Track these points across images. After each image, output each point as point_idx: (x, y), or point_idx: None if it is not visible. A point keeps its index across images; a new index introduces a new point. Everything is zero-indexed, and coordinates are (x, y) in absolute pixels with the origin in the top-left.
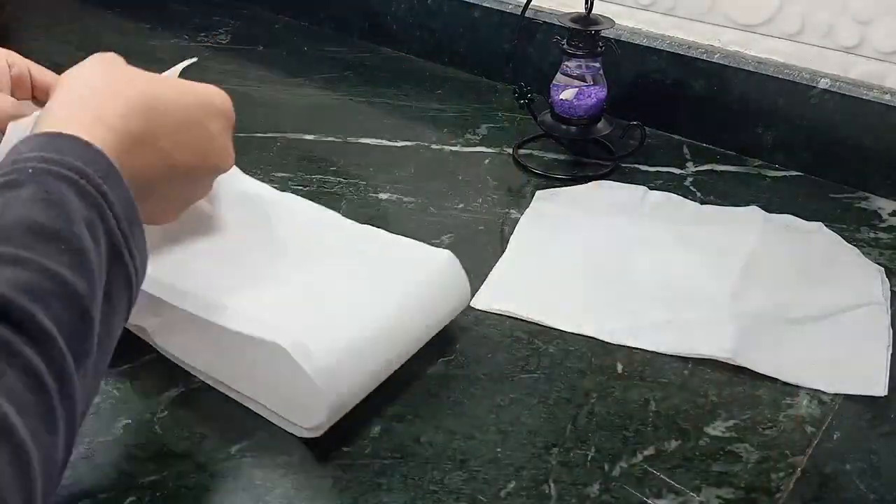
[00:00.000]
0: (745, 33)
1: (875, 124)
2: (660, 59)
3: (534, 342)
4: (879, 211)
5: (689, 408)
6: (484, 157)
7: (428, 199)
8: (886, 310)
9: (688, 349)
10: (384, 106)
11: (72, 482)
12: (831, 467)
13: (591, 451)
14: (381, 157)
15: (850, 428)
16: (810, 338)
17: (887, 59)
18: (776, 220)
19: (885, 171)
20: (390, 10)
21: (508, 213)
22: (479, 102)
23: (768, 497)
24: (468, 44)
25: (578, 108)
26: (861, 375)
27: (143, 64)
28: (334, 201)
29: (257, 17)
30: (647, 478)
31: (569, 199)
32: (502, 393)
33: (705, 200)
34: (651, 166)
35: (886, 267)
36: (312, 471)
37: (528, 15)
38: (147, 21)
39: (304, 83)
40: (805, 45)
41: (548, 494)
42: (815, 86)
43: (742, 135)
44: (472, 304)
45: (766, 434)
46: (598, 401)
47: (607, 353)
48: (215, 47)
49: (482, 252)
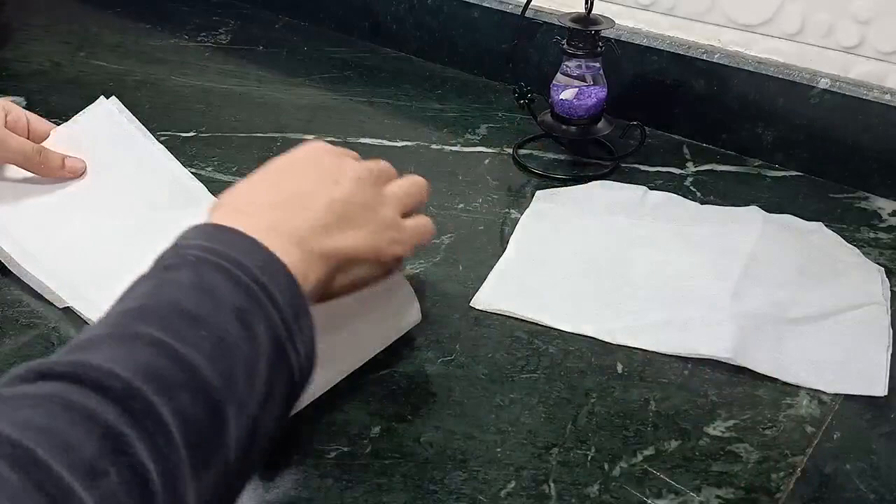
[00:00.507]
0: (745, 33)
1: (875, 124)
2: (660, 59)
3: (534, 342)
4: (879, 211)
5: (689, 408)
6: (484, 157)
7: (428, 199)
8: (886, 310)
9: (688, 349)
10: (384, 106)
11: None
12: (831, 467)
13: (591, 451)
14: (381, 157)
15: (850, 428)
16: (810, 338)
17: (887, 59)
18: (776, 220)
19: (885, 171)
20: (390, 10)
21: (508, 213)
22: (479, 102)
23: (768, 497)
24: (468, 44)
25: (578, 108)
26: (861, 375)
27: (143, 64)
28: None
29: (257, 17)
30: (647, 478)
31: (569, 199)
32: (502, 393)
33: (705, 200)
34: (651, 166)
35: (886, 267)
36: (313, 470)
37: (528, 15)
38: (147, 21)
39: (304, 83)
40: (805, 45)
41: (548, 494)
42: (815, 86)
43: (742, 135)
44: (472, 304)
45: (766, 434)
46: (598, 401)
47: (607, 353)
48: (215, 47)
49: (482, 252)
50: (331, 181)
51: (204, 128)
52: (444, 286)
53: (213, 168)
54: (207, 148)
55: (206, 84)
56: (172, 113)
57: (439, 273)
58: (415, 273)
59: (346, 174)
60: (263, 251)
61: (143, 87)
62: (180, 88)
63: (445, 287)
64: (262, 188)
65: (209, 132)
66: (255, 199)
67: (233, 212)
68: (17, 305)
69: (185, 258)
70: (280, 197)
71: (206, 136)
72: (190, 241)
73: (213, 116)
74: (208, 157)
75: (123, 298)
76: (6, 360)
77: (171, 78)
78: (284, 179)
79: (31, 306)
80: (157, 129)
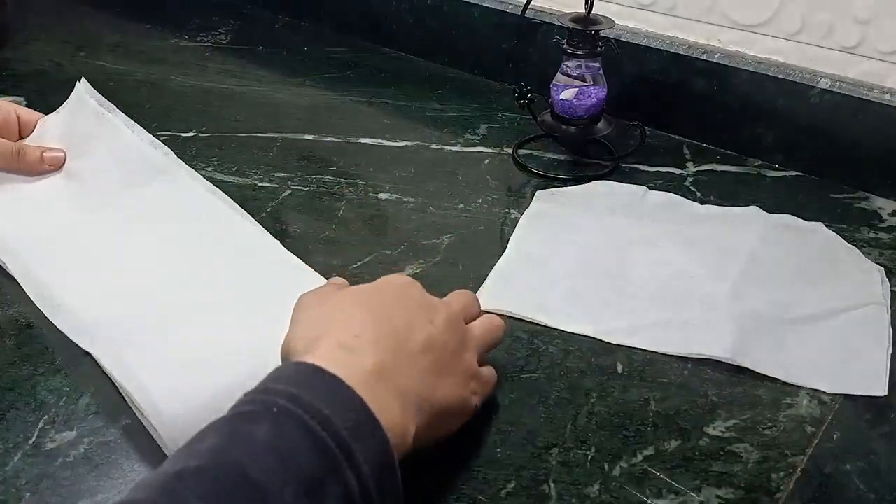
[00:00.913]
0: (745, 33)
1: (875, 124)
2: (660, 59)
3: (534, 342)
4: (879, 211)
5: (689, 408)
6: (484, 157)
7: (428, 199)
8: (886, 310)
9: (687, 349)
10: (384, 106)
11: (72, 482)
12: (831, 467)
13: (591, 451)
14: (381, 157)
15: (850, 428)
16: (810, 338)
17: (887, 59)
18: (776, 220)
19: (885, 171)
20: (390, 10)
21: (508, 213)
22: (479, 102)
23: (768, 497)
24: (468, 44)
25: (578, 108)
26: (861, 375)
27: (143, 64)
28: (334, 201)
29: (257, 17)
30: (647, 478)
31: (569, 199)
32: (502, 393)
33: (705, 200)
34: (651, 166)
35: (886, 267)
36: None
37: (528, 15)
38: (147, 21)
39: (304, 83)
40: (805, 45)
41: (548, 494)
42: (815, 86)
43: (742, 135)
44: None
45: (766, 434)
46: (598, 401)
47: (607, 353)
48: (215, 47)
49: (482, 252)
50: (426, 319)
51: (204, 128)
52: (444, 286)
53: (213, 168)
54: (207, 148)
55: (206, 84)
56: (172, 113)
57: (439, 273)
58: (415, 273)
59: (440, 313)
60: (359, 407)
61: (143, 87)
62: (180, 88)
63: (445, 287)
64: (362, 317)
65: (209, 132)
66: (359, 332)
67: (336, 348)
68: (18, 305)
69: (269, 408)
70: (382, 330)
71: (206, 136)
72: (279, 386)
73: (213, 116)
74: (208, 157)
75: (190, 447)
76: (6, 360)
77: (171, 78)
78: (383, 309)
79: (31, 306)
80: (158, 129)
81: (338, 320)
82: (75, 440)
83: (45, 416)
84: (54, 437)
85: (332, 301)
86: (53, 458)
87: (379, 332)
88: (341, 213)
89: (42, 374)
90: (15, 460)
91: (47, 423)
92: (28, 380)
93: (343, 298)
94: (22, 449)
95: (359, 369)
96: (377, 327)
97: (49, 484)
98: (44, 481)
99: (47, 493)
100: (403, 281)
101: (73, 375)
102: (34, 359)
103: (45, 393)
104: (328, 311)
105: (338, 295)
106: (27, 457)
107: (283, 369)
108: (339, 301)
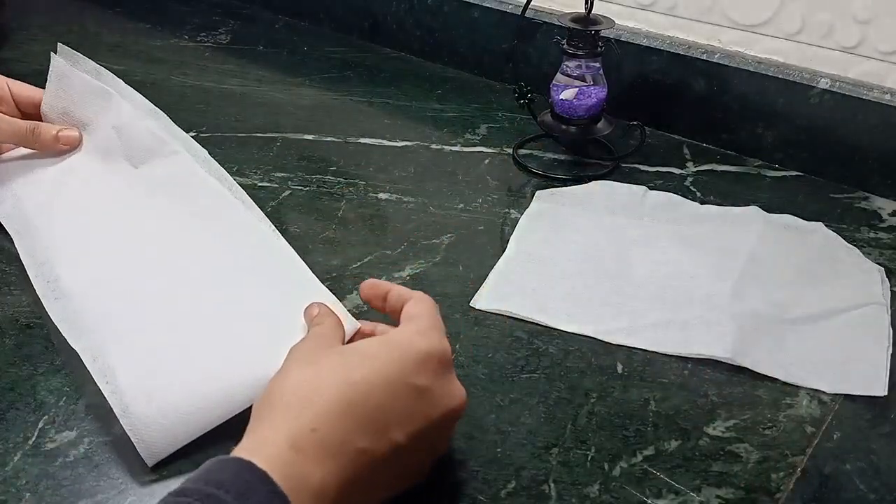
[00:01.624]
0: (745, 33)
1: (875, 124)
2: (660, 59)
3: (534, 342)
4: (879, 211)
5: (689, 408)
6: (484, 157)
7: (428, 199)
8: (886, 310)
9: (687, 349)
10: (384, 106)
11: (72, 482)
12: (831, 467)
13: (591, 451)
14: (381, 157)
15: (850, 428)
16: (810, 338)
17: (887, 59)
18: (776, 220)
19: (885, 171)
20: (390, 10)
21: (508, 213)
22: (479, 102)
23: (768, 497)
24: (468, 44)
25: (578, 108)
26: (861, 375)
27: (143, 64)
28: (334, 201)
29: (257, 17)
30: (647, 478)
31: (569, 199)
32: (502, 393)
33: (705, 200)
34: (651, 166)
35: (886, 267)
36: None
37: (528, 15)
38: (147, 21)
39: (304, 83)
40: (805, 45)
41: (548, 494)
42: (815, 86)
43: (742, 135)
44: (472, 303)
45: (766, 434)
46: (598, 401)
47: (607, 353)
48: (215, 47)
49: (482, 252)
50: (406, 422)
51: (204, 128)
52: (444, 286)
53: None
54: (207, 148)
55: (206, 84)
56: (172, 113)
57: (439, 273)
58: (415, 273)
59: (432, 415)
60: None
61: (143, 87)
62: (180, 88)
63: (445, 287)
64: (330, 406)
65: (209, 132)
66: (317, 425)
67: (286, 448)
68: (17, 305)
69: None
70: (347, 428)
71: (206, 136)
72: (193, 486)
73: (213, 116)
74: None
75: None
76: (6, 360)
77: (171, 78)
78: (363, 402)
79: (31, 306)
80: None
81: (306, 398)
82: (75, 440)
83: (45, 416)
84: (54, 437)
85: (319, 365)
86: (53, 458)
87: (343, 431)
88: (341, 213)
89: (42, 374)
90: (15, 460)
91: (47, 423)
92: (28, 380)
93: (331, 369)
94: (22, 449)
95: (300, 481)
96: (343, 422)
97: (49, 484)
98: (44, 481)
99: (47, 493)
100: (422, 353)
101: (73, 375)
102: (34, 359)
103: (45, 393)
104: (309, 379)
105: (330, 360)
106: (27, 457)
107: (224, 469)
108: (326, 370)
